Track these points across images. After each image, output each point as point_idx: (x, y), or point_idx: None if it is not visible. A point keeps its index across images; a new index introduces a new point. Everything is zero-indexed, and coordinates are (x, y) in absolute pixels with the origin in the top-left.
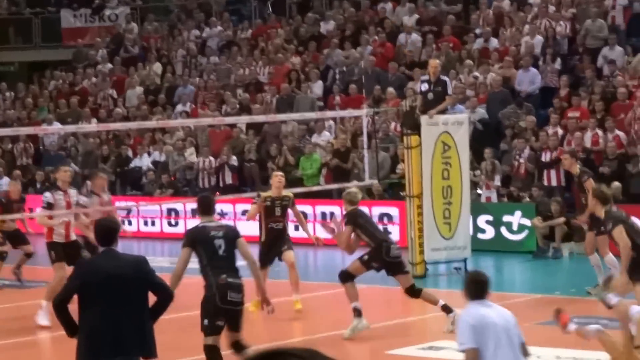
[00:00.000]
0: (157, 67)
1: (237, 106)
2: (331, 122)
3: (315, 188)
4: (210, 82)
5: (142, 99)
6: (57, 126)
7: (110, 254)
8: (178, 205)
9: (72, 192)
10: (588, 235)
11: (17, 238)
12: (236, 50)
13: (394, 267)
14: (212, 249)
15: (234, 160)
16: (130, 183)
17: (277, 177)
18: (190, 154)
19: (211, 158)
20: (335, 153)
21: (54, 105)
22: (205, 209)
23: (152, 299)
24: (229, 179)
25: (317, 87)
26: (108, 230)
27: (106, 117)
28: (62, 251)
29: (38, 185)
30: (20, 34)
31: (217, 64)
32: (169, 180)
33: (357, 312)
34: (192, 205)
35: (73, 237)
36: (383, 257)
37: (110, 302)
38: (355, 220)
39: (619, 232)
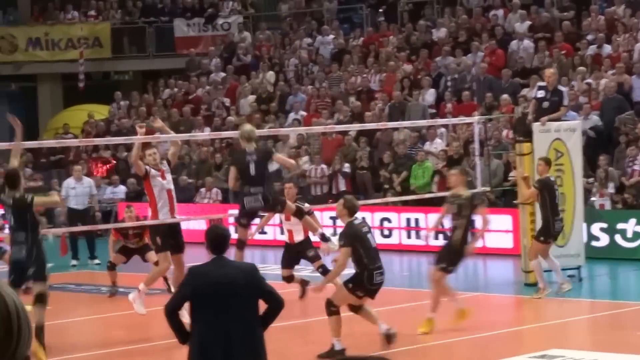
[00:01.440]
0: (270, 75)
1: (349, 114)
2: (443, 130)
3: (427, 195)
4: (322, 90)
5: (255, 107)
6: (168, 135)
7: (220, 261)
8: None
9: None
10: None
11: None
12: (348, 58)
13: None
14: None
15: (346, 168)
16: None
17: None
18: (304, 162)
19: (324, 166)
20: (448, 160)
21: (167, 114)
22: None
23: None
24: (342, 186)
25: (429, 95)
26: (220, 237)
27: (220, 125)
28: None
29: None
30: (134, 44)
31: (329, 71)
32: (282, 188)
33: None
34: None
35: None
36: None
37: (221, 310)
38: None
39: None
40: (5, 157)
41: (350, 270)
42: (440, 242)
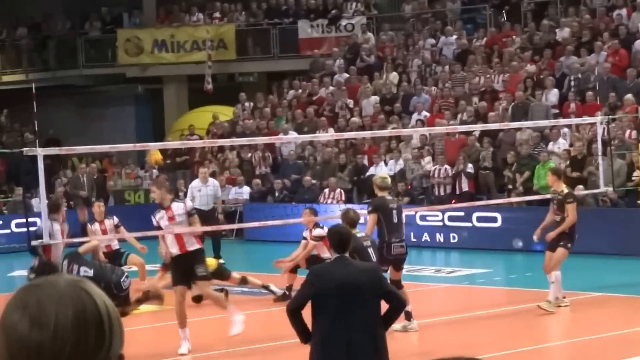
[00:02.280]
0: (393, 76)
1: (473, 114)
2: (566, 130)
3: (550, 196)
4: (446, 90)
5: (378, 108)
6: (292, 135)
7: (343, 261)
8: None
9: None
10: None
11: None
12: (471, 59)
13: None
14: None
15: (469, 168)
16: (366, 191)
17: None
18: (428, 162)
19: (447, 166)
20: (571, 161)
21: (291, 115)
22: None
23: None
24: (465, 187)
25: (553, 95)
26: (342, 237)
27: (344, 126)
28: None
29: (276, 194)
30: (258, 45)
31: (453, 72)
32: (405, 189)
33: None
34: (425, 213)
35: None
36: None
37: (343, 310)
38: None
39: None
40: (133, 158)
41: None
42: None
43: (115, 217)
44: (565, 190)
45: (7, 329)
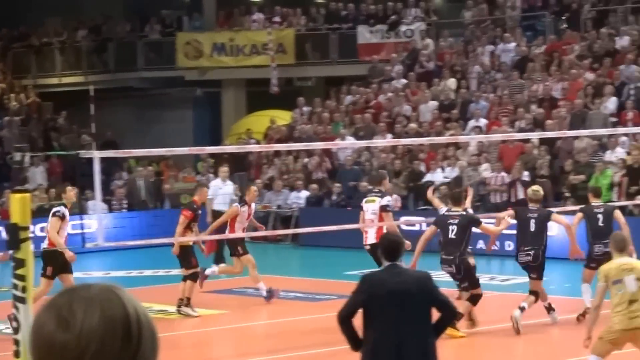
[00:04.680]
0: (451, 82)
1: (531, 122)
2: (624, 138)
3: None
4: (505, 97)
5: (436, 114)
6: (349, 141)
7: (395, 269)
8: None
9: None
10: None
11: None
12: (531, 66)
13: None
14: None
15: (526, 176)
16: (422, 197)
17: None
18: (484, 170)
19: (503, 174)
20: (628, 170)
21: (349, 120)
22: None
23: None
24: (520, 194)
25: (611, 103)
26: (394, 244)
27: (401, 132)
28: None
29: (333, 198)
30: (317, 50)
31: (511, 79)
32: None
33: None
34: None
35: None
36: None
37: (394, 318)
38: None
39: None
40: (191, 162)
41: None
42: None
43: None
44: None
45: (37, 328)
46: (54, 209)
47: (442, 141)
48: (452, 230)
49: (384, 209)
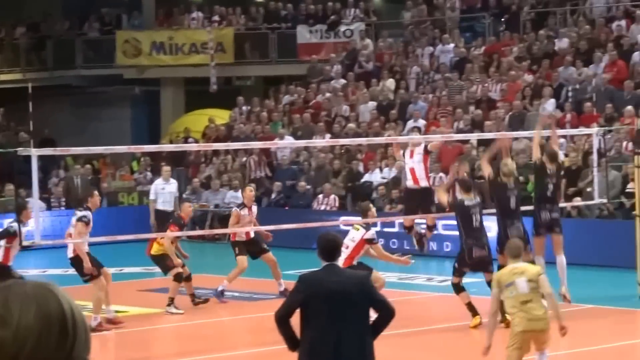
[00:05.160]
0: (390, 82)
1: (469, 123)
2: (562, 140)
3: None
4: (443, 98)
5: (375, 114)
6: (288, 140)
7: (333, 269)
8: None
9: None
10: None
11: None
12: (469, 67)
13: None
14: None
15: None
16: (360, 198)
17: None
18: None
19: (442, 174)
20: (566, 172)
21: (287, 120)
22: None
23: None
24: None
25: (550, 105)
26: (332, 244)
27: (339, 132)
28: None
29: (272, 197)
30: (256, 49)
31: (450, 80)
32: (400, 196)
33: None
34: (419, 221)
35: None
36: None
37: (332, 318)
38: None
39: None
40: (128, 160)
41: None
42: None
43: None
44: None
45: None
46: (80, 214)
47: (380, 141)
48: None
49: (369, 241)
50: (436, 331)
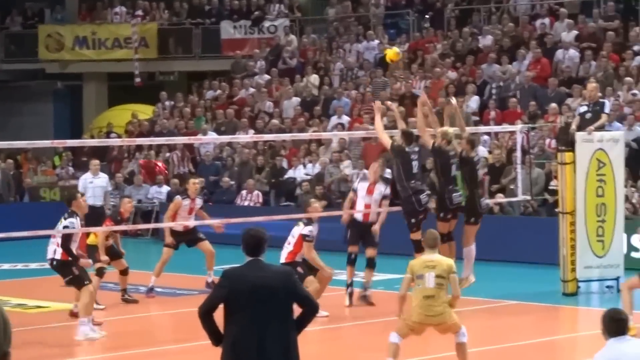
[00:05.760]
0: (314, 78)
1: (393, 119)
2: (486, 137)
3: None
4: (367, 94)
5: (299, 110)
6: (211, 136)
7: (257, 264)
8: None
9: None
10: None
11: (114, 254)
12: (393, 64)
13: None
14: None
15: (387, 173)
16: (284, 194)
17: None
18: (346, 166)
19: (365, 171)
20: (490, 168)
21: (211, 115)
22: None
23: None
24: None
25: (473, 102)
26: (257, 239)
27: (263, 128)
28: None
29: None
30: (180, 45)
31: (374, 76)
32: (323, 192)
33: None
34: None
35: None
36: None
37: (255, 313)
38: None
39: None
40: (50, 155)
41: None
42: None
43: None
44: None
45: None
46: (64, 223)
47: (304, 137)
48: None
49: (303, 237)
50: (357, 327)
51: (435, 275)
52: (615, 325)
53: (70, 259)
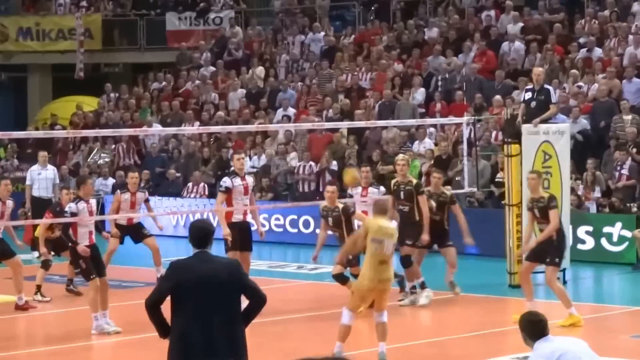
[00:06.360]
0: (260, 70)
1: (339, 111)
2: (432, 129)
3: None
4: (313, 87)
5: (244, 102)
6: (157, 128)
7: (204, 256)
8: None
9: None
10: None
11: (61, 245)
12: (339, 56)
13: None
14: None
15: (334, 166)
16: None
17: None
18: (292, 159)
19: (312, 163)
20: (436, 160)
21: (156, 107)
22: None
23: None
24: None
25: (419, 94)
26: (204, 231)
27: (208, 120)
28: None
29: (142, 185)
30: (125, 36)
31: (320, 69)
32: (269, 184)
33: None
34: (290, 208)
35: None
36: None
37: (202, 305)
38: None
39: None
40: None
41: None
42: None
43: None
44: (546, 195)
45: None
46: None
47: (250, 129)
48: None
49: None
50: (305, 319)
51: (393, 243)
52: (537, 327)
53: None
